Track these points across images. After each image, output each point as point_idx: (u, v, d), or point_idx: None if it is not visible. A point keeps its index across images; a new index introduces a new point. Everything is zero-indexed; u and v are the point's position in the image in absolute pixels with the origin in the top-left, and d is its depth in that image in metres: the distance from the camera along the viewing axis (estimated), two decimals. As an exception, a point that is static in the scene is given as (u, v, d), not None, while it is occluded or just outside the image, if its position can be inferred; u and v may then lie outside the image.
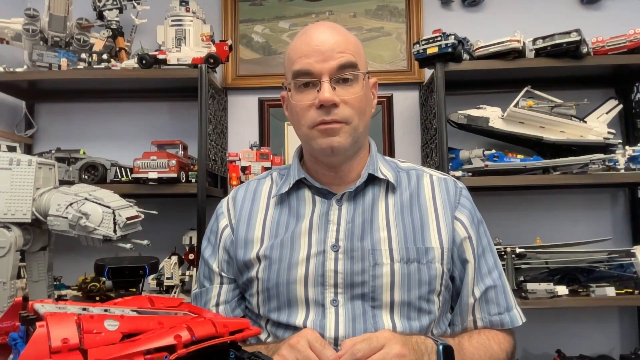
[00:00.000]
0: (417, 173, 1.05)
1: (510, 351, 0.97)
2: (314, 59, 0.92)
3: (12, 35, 1.98)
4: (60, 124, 2.21)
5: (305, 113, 0.94)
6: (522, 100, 1.81)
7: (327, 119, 0.92)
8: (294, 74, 0.94)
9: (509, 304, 0.99)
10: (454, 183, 1.05)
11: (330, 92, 0.90)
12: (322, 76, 0.91)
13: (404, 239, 0.94)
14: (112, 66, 1.91)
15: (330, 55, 0.92)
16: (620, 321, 2.08)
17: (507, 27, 1.93)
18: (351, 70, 0.93)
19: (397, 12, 2.21)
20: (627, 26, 1.84)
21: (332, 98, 0.90)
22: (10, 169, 1.24)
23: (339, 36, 0.95)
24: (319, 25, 0.99)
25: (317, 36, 0.94)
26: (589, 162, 1.76)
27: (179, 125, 2.19)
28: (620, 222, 2.11)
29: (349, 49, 0.93)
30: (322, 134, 0.93)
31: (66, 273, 1.93)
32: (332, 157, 0.97)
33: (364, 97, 0.96)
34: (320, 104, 0.91)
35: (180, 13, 1.98)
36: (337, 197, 0.99)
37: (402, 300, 0.91)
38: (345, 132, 0.93)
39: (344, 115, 0.92)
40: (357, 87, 0.94)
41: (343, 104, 0.92)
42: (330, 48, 0.92)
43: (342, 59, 0.92)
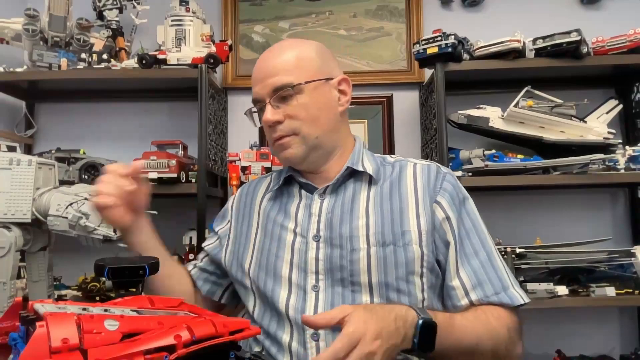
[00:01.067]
0: (401, 164, 1.08)
1: (512, 327, 0.94)
2: (257, 86, 1.04)
3: (12, 35, 1.98)
4: (60, 124, 2.21)
5: (266, 132, 1.06)
6: (522, 100, 1.81)
7: (274, 136, 1.03)
8: (252, 101, 1.07)
9: (504, 283, 0.97)
10: (436, 169, 1.06)
11: (270, 112, 1.01)
12: (264, 99, 1.02)
13: (381, 224, 0.98)
14: (112, 66, 1.91)
15: (266, 80, 1.02)
16: (620, 321, 2.08)
17: (507, 27, 1.93)
18: (286, 89, 1.00)
19: (397, 12, 2.21)
20: (627, 26, 1.84)
21: (271, 118, 1.01)
22: (10, 169, 1.24)
23: (274, 59, 1.04)
24: (266, 51, 1.09)
25: (258, 64, 1.06)
26: (589, 162, 1.75)
27: (179, 125, 2.19)
28: (620, 222, 2.11)
29: (284, 68, 1.02)
30: (277, 149, 1.05)
31: (66, 273, 1.93)
32: (297, 166, 1.08)
33: (312, 105, 1.02)
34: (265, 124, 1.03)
35: (180, 13, 1.98)
36: (319, 192, 1.05)
37: (380, 282, 0.94)
38: (296, 142, 1.02)
39: (290, 128, 1.01)
40: (299, 99, 1.01)
41: (288, 118, 1.01)
42: (266, 74, 1.02)
43: (275, 82, 1.01)
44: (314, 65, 1.04)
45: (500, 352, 0.93)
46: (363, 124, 2.16)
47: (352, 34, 2.23)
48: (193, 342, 0.54)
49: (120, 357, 0.49)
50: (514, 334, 0.95)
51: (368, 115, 2.17)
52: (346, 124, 1.12)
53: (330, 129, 1.05)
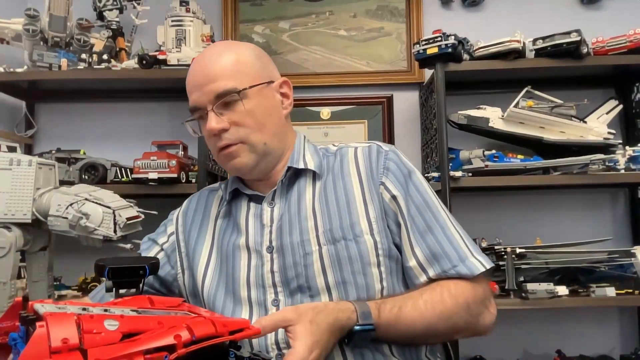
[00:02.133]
0: (342, 151, 1.04)
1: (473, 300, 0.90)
2: (195, 94, 0.96)
3: (12, 35, 1.98)
4: (61, 124, 2.21)
5: (209, 142, 0.99)
6: (522, 100, 1.81)
7: (220, 145, 0.96)
8: (190, 110, 1.00)
9: (461, 254, 0.92)
10: (377, 149, 1.01)
11: (214, 120, 0.93)
12: (206, 107, 0.95)
13: (329, 221, 0.94)
14: (112, 66, 1.91)
15: (205, 86, 0.94)
16: (620, 321, 2.08)
17: (507, 27, 1.93)
18: (230, 94, 0.94)
19: (397, 12, 2.21)
20: (627, 26, 1.83)
21: (216, 127, 0.93)
22: (10, 169, 1.24)
23: (212, 64, 0.96)
24: (199, 56, 1.01)
25: (194, 70, 0.99)
26: (589, 162, 1.75)
27: (179, 125, 2.15)
28: (620, 223, 2.11)
29: (224, 74, 0.94)
30: (224, 159, 0.98)
31: (66, 273, 1.93)
32: (245, 176, 1.02)
33: (257, 110, 0.96)
34: (209, 133, 0.95)
35: (180, 13, 1.98)
36: (267, 200, 1.00)
37: (337, 281, 0.91)
38: (244, 151, 0.96)
39: (236, 136, 0.95)
40: (244, 105, 0.94)
41: (233, 125, 0.95)
42: (205, 80, 0.95)
43: (216, 87, 0.93)
44: (254, 68, 0.98)
45: (460, 328, 0.91)
46: (363, 124, 2.16)
47: (352, 34, 2.23)
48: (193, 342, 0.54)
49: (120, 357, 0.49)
50: (476, 306, 0.91)
51: (368, 116, 2.17)
52: (290, 127, 1.07)
53: (278, 133, 1.00)
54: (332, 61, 2.21)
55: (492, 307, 0.95)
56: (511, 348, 2.04)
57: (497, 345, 2.02)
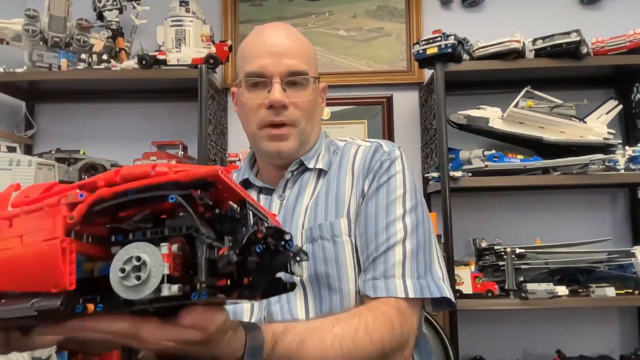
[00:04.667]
0: (345, 148, 1.02)
1: (386, 340, 0.78)
2: (266, 60, 0.92)
3: (12, 35, 1.98)
4: (60, 125, 2.22)
5: (255, 112, 0.95)
6: (522, 100, 1.81)
7: (276, 119, 0.93)
8: (246, 73, 0.95)
9: (387, 271, 0.85)
10: (375, 148, 0.98)
11: (280, 93, 0.92)
12: (273, 77, 0.92)
13: (313, 219, 0.92)
14: (112, 67, 1.91)
15: (282, 58, 0.93)
16: (620, 321, 2.08)
17: (507, 27, 1.93)
18: (302, 75, 0.94)
19: (397, 13, 2.21)
20: (627, 26, 1.84)
21: (282, 99, 0.91)
22: (10, 169, 1.25)
23: (293, 41, 0.96)
24: (274, 26, 0.99)
25: (271, 38, 0.95)
26: (588, 162, 1.76)
27: (179, 125, 2.19)
28: (620, 223, 2.11)
29: (301, 55, 0.95)
30: (270, 138, 0.95)
31: (66, 273, 1.92)
32: (279, 161, 0.98)
33: (313, 101, 0.97)
34: (270, 104, 0.92)
35: (180, 13, 1.98)
36: (277, 192, 0.98)
37: (311, 280, 0.88)
38: (293, 135, 0.95)
39: (292, 117, 0.94)
40: (307, 91, 0.95)
41: (292, 106, 0.93)
42: (283, 52, 0.93)
43: (295, 65, 0.93)
44: (316, 63, 1.02)
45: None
46: (363, 124, 2.16)
47: (352, 34, 2.23)
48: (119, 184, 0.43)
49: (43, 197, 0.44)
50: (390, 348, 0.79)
51: (368, 116, 2.17)
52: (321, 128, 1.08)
53: (317, 129, 1.02)
54: (332, 61, 2.21)
55: (407, 350, 0.84)
56: (511, 348, 2.04)
57: (497, 345, 2.02)
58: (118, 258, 0.41)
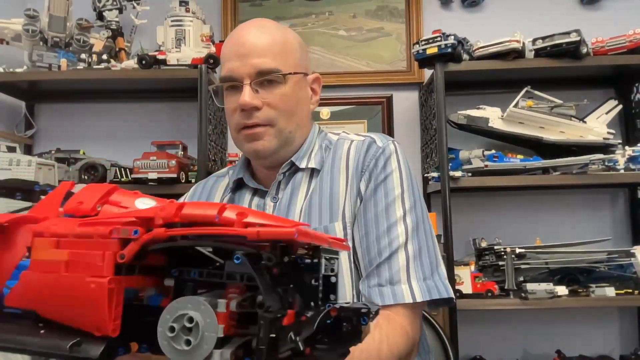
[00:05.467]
0: (338, 144, 0.98)
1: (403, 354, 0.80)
2: (234, 63, 0.90)
3: (12, 35, 1.98)
4: (60, 125, 2.21)
5: (232, 116, 0.93)
6: (522, 100, 1.81)
7: (248, 122, 0.90)
8: (220, 79, 0.94)
9: (393, 277, 0.83)
10: (370, 143, 0.94)
11: (249, 95, 0.88)
12: (243, 79, 0.89)
13: (308, 222, 0.88)
14: (111, 67, 1.91)
15: (248, 59, 0.89)
16: (620, 321, 2.08)
17: (507, 27, 1.93)
18: (272, 74, 0.90)
19: (397, 13, 2.21)
20: (627, 26, 1.84)
21: (250, 102, 0.88)
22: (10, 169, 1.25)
23: (261, 38, 0.91)
24: (245, 25, 0.95)
25: (240, 38, 0.92)
26: (588, 162, 1.76)
27: (178, 125, 2.19)
28: (620, 223, 2.11)
29: (270, 51, 0.90)
30: (245, 139, 0.92)
31: (66, 273, 1.93)
32: (260, 161, 0.96)
33: (292, 97, 0.93)
34: (240, 107, 0.89)
35: (180, 13, 1.98)
36: (270, 194, 0.95)
37: None
38: (270, 134, 0.91)
39: (266, 117, 0.90)
40: (282, 88, 0.91)
41: (266, 106, 0.90)
42: (249, 52, 0.89)
43: (261, 63, 0.89)
44: (296, 55, 0.95)
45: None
46: (363, 124, 2.16)
47: (352, 34, 2.23)
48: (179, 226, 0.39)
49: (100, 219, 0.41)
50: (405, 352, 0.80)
51: (368, 116, 2.17)
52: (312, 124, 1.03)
53: (302, 126, 0.96)
54: (332, 61, 2.21)
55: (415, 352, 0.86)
56: (511, 348, 2.04)
57: (497, 345, 2.02)
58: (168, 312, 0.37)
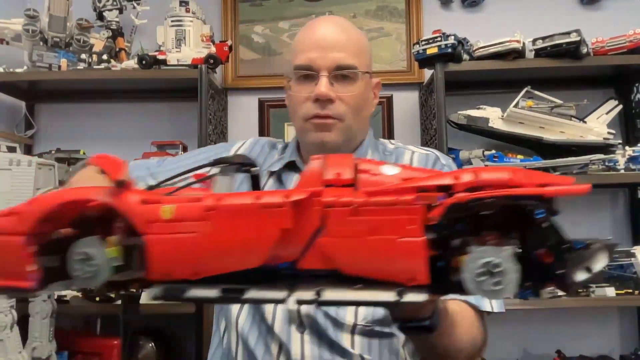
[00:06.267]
0: (399, 152, 1.01)
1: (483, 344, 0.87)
2: (314, 54, 0.93)
3: (12, 35, 1.98)
4: (60, 125, 2.21)
5: (301, 105, 0.95)
6: (522, 100, 1.81)
7: (321, 113, 0.92)
8: (295, 66, 0.96)
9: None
10: (434, 159, 0.98)
11: (326, 87, 0.91)
12: (320, 71, 0.92)
13: None
14: (112, 67, 1.91)
15: (330, 51, 0.92)
16: (620, 321, 2.08)
17: (507, 27, 1.93)
18: (350, 69, 0.93)
19: (397, 13, 2.21)
20: (627, 26, 1.84)
21: (328, 93, 0.91)
22: (10, 169, 1.25)
23: (342, 34, 0.95)
24: (324, 19, 1.00)
25: (320, 31, 0.96)
26: (588, 162, 1.76)
27: (178, 125, 2.18)
28: (620, 223, 2.11)
29: (350, 48, 0.94)
30: (314, 128, 0.94)
31: (66, 273, 1.93)
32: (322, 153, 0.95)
33: (362, 96, 0.96)
34: (315, 97, 0.92)
35: (180, 13, 1.98)
36: None
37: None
38: (338, 129, 0.93)
39: (338, 111, 0.92)
40: (355, 86, 0.94)
41: (339, 100, 0.92)
42: (331, 45, 0.93)
43: (342, 58, 0.92)
44: (368, 57, 0.99)
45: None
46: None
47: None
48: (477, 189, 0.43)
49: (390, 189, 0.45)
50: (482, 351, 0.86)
51: (368, 116, 2.16)
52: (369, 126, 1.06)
53: (364, 125, 1.00)
54: (332, 61, 2.20)
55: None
56: (511, 348, 2.04)
57: (497, 345, 2.01)
58: (473, 260, 0.42)
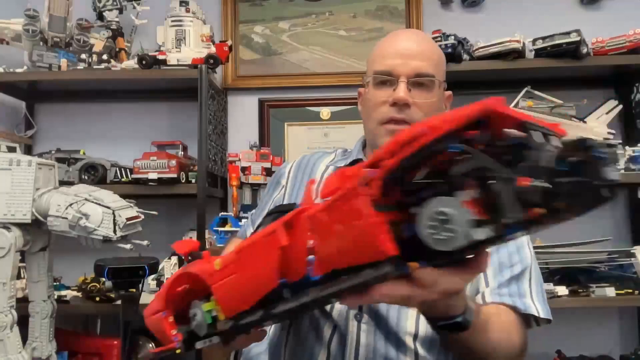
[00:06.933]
0: None
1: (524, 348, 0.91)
2: (396, 61, 0.97)
3: (12, 35, 1.98)
4: (60, 125, 2.21)
5: (378, 108, 0.99)
6: (522, 100, 1.82)
7: (397, 116, 0.96)
8: (375, 72, 1.00)
9: (522, 292, 0.91)
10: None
11: (405, 92, 0.95)
12: (400, 77, 0.96)
13: None
14: (112, 67, 1.91)
15: (411, 60, 0.96)
16: (620, 321, 2.08)
17: (507, 27, 1.93)
18: (428, 77, 0.97)
19: (397, 13, 2.21)
20: (627, 26, 1.83)
21: (406, 97, 0.95)
22: (10, 169, 1.25)
23: (424, 46, 1.00)
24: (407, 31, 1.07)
25: (403, 41, 1.01)
26: (588, 162, 1.75)
27: (179, 125, 2.18)
28: (620, 222, 2.11)
29: (430, 58, 0.98)
30: (390, 133, 0.97)
31: (66, 273, 1.93)
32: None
33: (436, 105, 0.99)
34: (394, 101, 0.96)
35: (180, 13, 1.98)
36: None
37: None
38: None
39: (414, 116, 0.96)
40: (431, 94, 0.98)
41: (415, 106, 0.96)
42: (413, 54, 0.97)
43: (422, 67, 0.96)
44: (444, 69, 1.03)
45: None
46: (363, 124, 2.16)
47: (352, 34, 2.23)
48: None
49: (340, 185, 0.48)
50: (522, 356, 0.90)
51: (368, 116, 2.16)
52: None
53: None
54: (332, 61, 2.21)
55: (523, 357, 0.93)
56: (511, 348, 2.04)
57: (497, 346, 2.02)
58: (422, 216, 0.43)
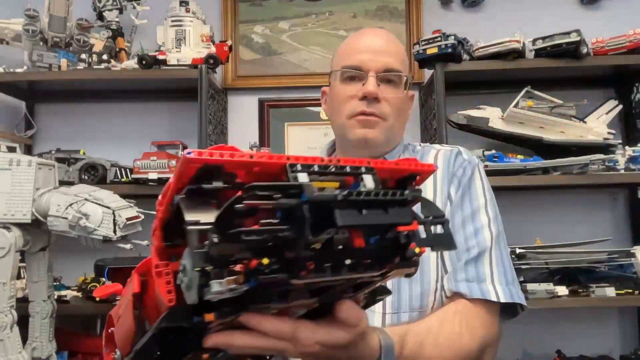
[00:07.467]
0: (424, 151, 1.04)
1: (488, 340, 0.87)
2: (365, 56, 0.98)
3: (12, 35, 1.98)
4: (60, 125, 2.21)
5: (347, 102, 0.99)
6: (522, 100, 1.81)
7: (367, 110, 0.97)
8: (343, 66, 1.01)
9: (479, 275, 0.88)
10: (457, 153, 1.01)
11: (374, 86, 0.96)
12: (369, 71, 0.97)
13: None
14: (112, 67, 1.91)
15: (380, 55, 0.98)
16: (620, 321, 2.08)
17: (507, 27, 1.93)
18: (397, 72, 0.99)
19: (397, 13, 2.21)
20: (627, 26, 1.84)
21: (376, 91, 0.96)
22: (10, 169, 1.25)
23: (391, 43, 1.02)
24: (373, 29, 1.09)
25: (371, 37, 1.03)
26: (588, 162, 1.75)
27: (178, 125, 2.18)
28: (620, 223, 2.11)
29: (398, 55, 1.01)
30: (359, 124, 0.98)
31: (66, 273, 1.93)
32: (364, 150, 0.99)
33: (403, 101, 1.01)
34: (363, 95, 0.97)
35: (180, 13, 1.98)
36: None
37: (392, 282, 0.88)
38: (381, 127, 0.98)
39: (383, 111, 0.97)
40: (399, 90, 1.00)
41: (384, 101, 0.97)
42: (382, 50, 0.99)
43: (391, 62, 0.98)
44: (408, 69, 1.05)
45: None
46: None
47: (352, 34, 2.22)
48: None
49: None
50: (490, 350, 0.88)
51: (368, 116, 2.16)
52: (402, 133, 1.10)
53: (401, 129, 1.05)
54: (332, 61, 2.20)
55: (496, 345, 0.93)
56: (511, 348, 2.04)
57: (497, 346, 2.01)
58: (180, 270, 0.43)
